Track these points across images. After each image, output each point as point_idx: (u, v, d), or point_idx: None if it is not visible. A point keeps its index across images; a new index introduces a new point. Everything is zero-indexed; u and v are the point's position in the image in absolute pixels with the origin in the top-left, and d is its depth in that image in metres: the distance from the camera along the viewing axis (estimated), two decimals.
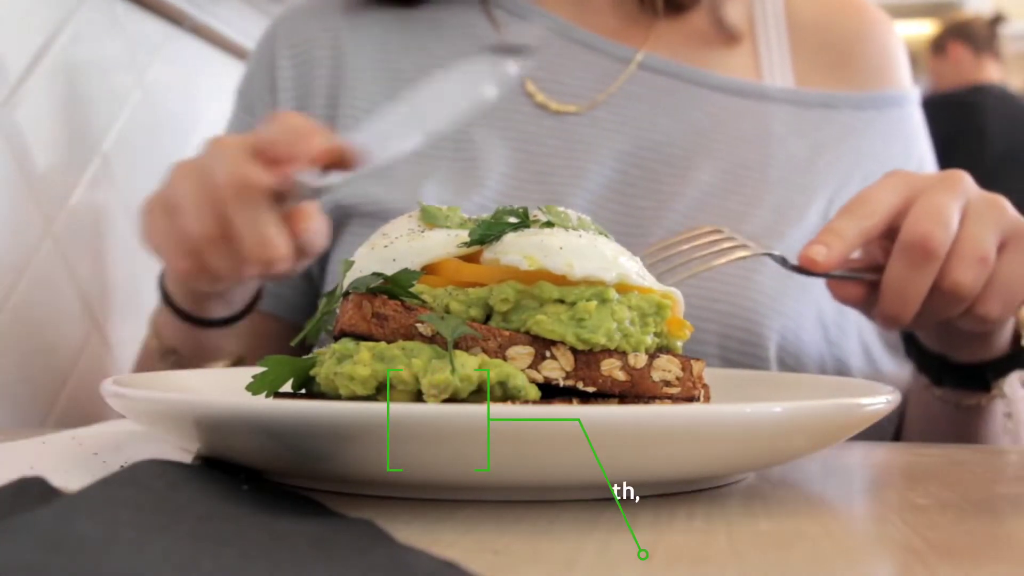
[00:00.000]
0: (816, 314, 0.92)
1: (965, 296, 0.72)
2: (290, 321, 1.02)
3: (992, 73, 3.56)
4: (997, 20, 3.72)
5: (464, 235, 0.56)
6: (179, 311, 0.86)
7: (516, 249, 0.54)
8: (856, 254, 0.79)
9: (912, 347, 0.86)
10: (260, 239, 0.69)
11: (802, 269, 0.73)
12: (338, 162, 0.70)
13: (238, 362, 0.91)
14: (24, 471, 0.44)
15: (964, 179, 0.74)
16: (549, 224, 0.56)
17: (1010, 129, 3.25)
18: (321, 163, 0.70)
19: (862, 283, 0.76)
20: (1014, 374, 0.83)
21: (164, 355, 0.90)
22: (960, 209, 0.72)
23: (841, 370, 0.93)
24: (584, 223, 0.58)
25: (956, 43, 3.61)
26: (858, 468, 0.65)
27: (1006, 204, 0.74)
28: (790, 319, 0.90)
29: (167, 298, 0.87)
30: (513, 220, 0.56)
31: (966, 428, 0.86)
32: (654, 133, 0.97)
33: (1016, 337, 0.81)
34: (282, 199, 0.69)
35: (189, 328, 0.87)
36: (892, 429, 0.95)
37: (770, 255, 0.76)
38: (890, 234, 0.74)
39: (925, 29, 4.25)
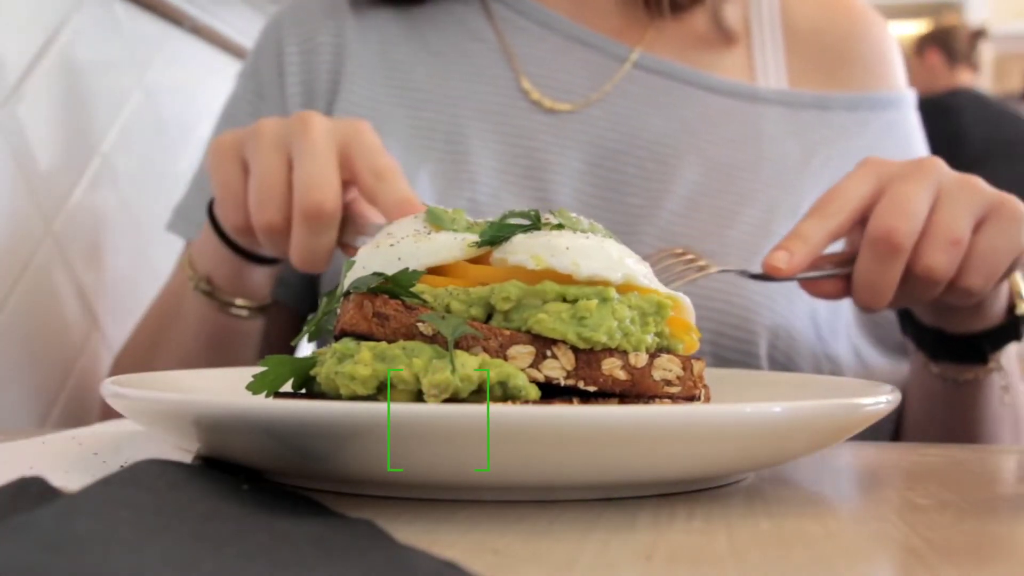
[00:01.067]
0: (809, 313, 0.93)
1: (939, 279, 0.73)
2: (294, 308, 1.02)
3: (965, 82, 3.60)
4: (978, 34, 3.76)
5: (470, 238, 0.56)
6: (225, 238, 0.85)
7: (524, 249, 0.54)
8: (840, 244, 0.79)
9: (908, 322, 0.86)
10: (310, 256, 0.75)
11: (767, 276, 0.74)
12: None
13: (263, 308, 0.92)
14: (24, 471, 0.44)
15: (936, 165, 0.75)
16: (560, 227, 0.56)
17: (986, 130, 3.30)
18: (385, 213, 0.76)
19: (836, 277, 0.77)
20: (1011, 346, 0.84)
21: (197, 284, 0.89)
22: (932, 195, 0.73)
23: (833, 368, 0.93)
24: (595, 227, 0.58)
25: (933, 50, 3.64)
26: (858, 468, 0.65)
27: (980, 183, 0.75)
28: (782, 317, 0.90)
29: (215, 223, 0.86)
30: (524, 222, 0.56)
31: (964, 405, 0.86)
32: (646, 132, 0.98)
33: (1011, 307, 0.82)
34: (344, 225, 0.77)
35: (230, 257, 0.87)
36: (891, 428, 0.95)
37: (728, 271, 0.77)
38: (865, 222, 0.74)
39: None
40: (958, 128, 3.25)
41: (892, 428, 0.96)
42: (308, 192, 0.73)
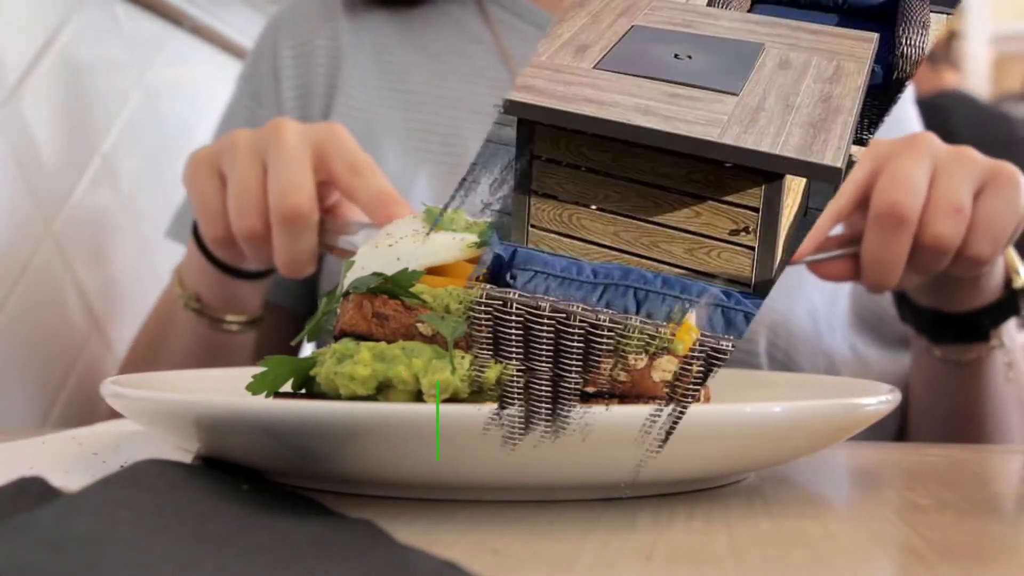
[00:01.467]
0: (808, 310, 0.93)
1: (947, 248, 0.73)
2: (291, 310, 1.02)
3: (950, 83, 3.66)
4: (952, 34, 3.86)
5: (469, 238, 0.56)
6: (209, 255, 0.85)
7: None
8: (839, 228, 0.80)
9: (907, 308, 0.86)
10: (293, 260, 0.75)
11: None
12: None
13: (255, 321, 0.91)
14: (24, 471, 0.44)
15: (930, 140, 0.76)
16: None
17: (977, 129, 3.34)
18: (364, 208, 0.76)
19: (844, 258, 0.77)
20: (1012, 321, 0.84)
21: (187, 302, 0.89)
22: (929, 168, 0.74)
23: (830, 366, 0.94)
24: None
25: None
26: (858, 468, 0.65)
27: (974, 153, 0.76)
28: (780, 314, 0.90)
29: (199, 240, 0.85)
30: None
31: (969, 386, 0.86)
32: None
33: (1007, 281, 0.82)
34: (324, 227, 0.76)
35: (216, 275, 0.86)
36: (895, 426, 0.95)
37: None
38: (866, 204, 0.75)
39: None
40: (948, 128, 3.29)
41: (897, 426, 0.96)
42: (283, 197, 0.73)
